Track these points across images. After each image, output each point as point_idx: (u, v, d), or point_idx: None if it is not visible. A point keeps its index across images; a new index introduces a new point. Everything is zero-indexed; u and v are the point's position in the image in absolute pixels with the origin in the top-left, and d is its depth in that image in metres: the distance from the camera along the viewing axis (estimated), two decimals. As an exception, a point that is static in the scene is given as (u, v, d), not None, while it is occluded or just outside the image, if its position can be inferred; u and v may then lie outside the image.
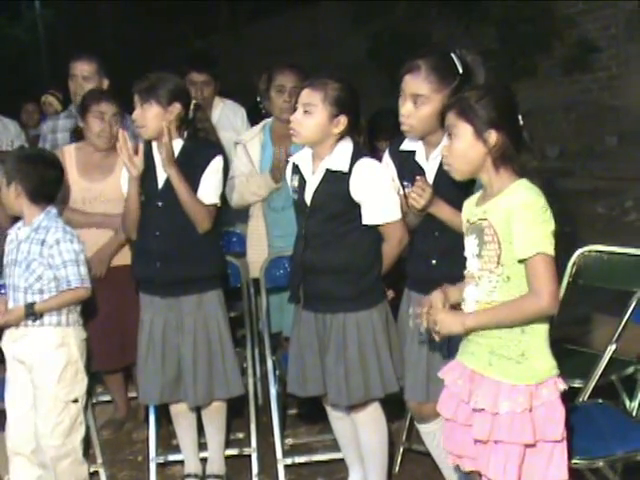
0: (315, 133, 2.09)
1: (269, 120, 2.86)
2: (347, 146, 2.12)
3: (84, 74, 3.07)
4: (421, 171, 2.03)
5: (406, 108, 1.99)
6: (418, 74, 1.95)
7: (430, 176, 2.01)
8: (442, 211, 1.94)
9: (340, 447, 2.40)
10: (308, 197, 2.15)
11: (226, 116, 3.29)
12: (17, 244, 2.30)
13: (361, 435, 2.26)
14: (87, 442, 2.58)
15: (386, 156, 2.19)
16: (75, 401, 2.31)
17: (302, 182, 2.18)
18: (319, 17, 8.39)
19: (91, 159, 2.70)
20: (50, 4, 11.86)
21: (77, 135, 2.84)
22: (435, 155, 2.01)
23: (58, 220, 2.32)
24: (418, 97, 1.96)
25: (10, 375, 2.36)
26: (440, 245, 1.94)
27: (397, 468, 2.52)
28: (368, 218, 2.11)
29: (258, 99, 3.75)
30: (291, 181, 2.23)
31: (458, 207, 1.87)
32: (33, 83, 5.49)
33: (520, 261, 1.66)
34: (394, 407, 2.38)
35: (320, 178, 2.13)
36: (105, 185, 2.66)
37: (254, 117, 3.28)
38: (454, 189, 1.88)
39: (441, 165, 1.87)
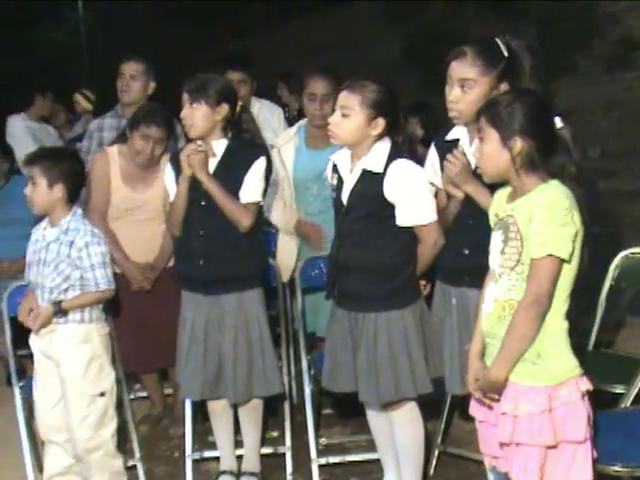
0: (352, 135, 2.10)
1: (303, 122, 2.87)
2: (385, 147, 2.12)
3: (131, 73, 3.13)
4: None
5: (454, 94, 1.98)
6: (465, 59, 1.96)
7: (473, 162, 1.98)
8: (479, 192, 1.92)
9: (377, 447, 2.39)
10: (345, 196, 2.15)
11: (264, 116, 3.31)
12: (46, 245, 2.34)
13: (397, 435, 2.25)
14: (125, 436, 2.62)
15: (431, 149, 2.18)
16: (102, 395, 2.35)
17: (340, 181, 2.19)
18: (353, 17, 8.37)
19: (135, 168, 2.75)
20: (88, 6, 12.08)
21: (123, 137, 2.83)
22: None
23: (85, 222, 2.36)
24: (466, 81, 1.96)
25: (37, 368, 2.42)
26: (473, 234, 1.92)
27: (432, 471, 2.50)
28: (402, 219, 2.10)
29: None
30: (331, 179, 2.24)
31: None
32: (73, 85, 5.59)
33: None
34: (430, 409, 2.36)
35: (357, 178, 2.13)
36: (147, 196, 2.72)
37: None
38: None
39: None
